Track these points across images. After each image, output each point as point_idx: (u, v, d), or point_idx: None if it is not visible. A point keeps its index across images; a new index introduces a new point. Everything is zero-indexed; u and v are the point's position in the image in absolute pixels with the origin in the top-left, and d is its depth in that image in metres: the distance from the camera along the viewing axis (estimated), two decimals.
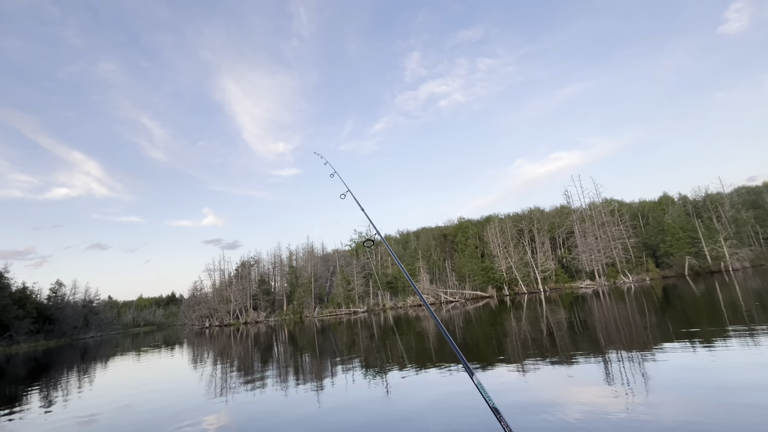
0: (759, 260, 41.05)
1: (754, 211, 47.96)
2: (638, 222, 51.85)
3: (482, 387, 1.77)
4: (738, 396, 4.98)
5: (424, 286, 46.23)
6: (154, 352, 23.01)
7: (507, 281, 45.13)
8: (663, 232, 44.16)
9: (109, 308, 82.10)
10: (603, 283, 40.94)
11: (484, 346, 11.70)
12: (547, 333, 12.75)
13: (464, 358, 1.94)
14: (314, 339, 20.82)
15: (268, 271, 63.69)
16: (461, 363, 1.91)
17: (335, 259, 58.16)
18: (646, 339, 9.82)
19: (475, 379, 1.83)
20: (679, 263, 40.81)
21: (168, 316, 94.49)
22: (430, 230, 63.15)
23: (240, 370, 12.33)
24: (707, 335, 9.17)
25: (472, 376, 1.85)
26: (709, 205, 48.56)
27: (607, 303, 21.55)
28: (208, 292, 60.87)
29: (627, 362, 7.43)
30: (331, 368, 10.76)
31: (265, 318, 52.20)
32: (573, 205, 50.11)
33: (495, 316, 21.50)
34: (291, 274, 57.93)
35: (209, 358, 17.07)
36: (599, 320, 14.66)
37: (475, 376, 1.85)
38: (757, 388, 5.16)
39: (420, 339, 15.29)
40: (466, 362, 1.91)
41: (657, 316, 13.95)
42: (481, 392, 1.74)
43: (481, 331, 15.92)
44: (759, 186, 58.10)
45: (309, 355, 14.55)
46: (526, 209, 56.76)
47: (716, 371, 6.21)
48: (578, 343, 10.27)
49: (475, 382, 1.80)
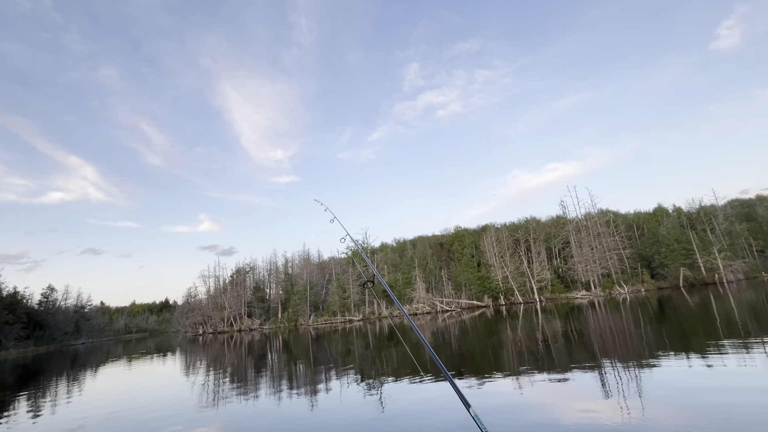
0: (753, 272, 41.31)
1: (748, 223, 48.40)
2: (633, 233, 52.16)
3: (479, 420, 1.67)
4: (732, 409, 4.98)
5: (421, 295, 46.06)
6: (146, 360, 22.68)
7: (503, 291, 45.08)
8: (658, 243, 44.43)
9: (101, 314, 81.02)
10: (599, 294, 40.98)
11: (479, 357, 11.64)
12: (543, 344, 12.71)
13: (459, 389, 1.82)
14: (309, 348, 20.63)
15: (263, 278, 63.29)
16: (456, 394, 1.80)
17: (331, 266, 57.91)
18: (641, 350, 9.81)
19: (472, 411, 1.72)
20: (673, 274, 40.98)
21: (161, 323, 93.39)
22: (427, 239, 63.14)
23: (233, 379, 12.18)
24: (702, 347, 9.18)
25: (469, 408, 1.73)
26: (703, 217, 48.97)
27: (602, 314, 21.55)
28: (203, 298, 60.31)
29: (623, 374, 7.42)
30: (326, 378, 10.65)
31: (259, 325, 51.71)
32: (569, 215, 50.42)
33: (491, 326, 21.42)
34: (286, 281, 57.58)
35: (202, 366, 16.85)
36: (595, 331, 14.65)
37: (472, 408, 1.74)
38: (752, 402, 5.16)
39: (416, 348, 15.19)
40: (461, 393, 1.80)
41: (652, 327, 13.95)
42: (478, 425, 1.65)
43: (477, 342, 15.85)
44: (752, 199, 58.75)
45: (303, 364, 14.40)
46: (523, 219, 57.04)
47: (711, 384, 6.20)
48: (574, 355, 10.24)
49: (472, 415, 1.69)
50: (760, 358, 7.38)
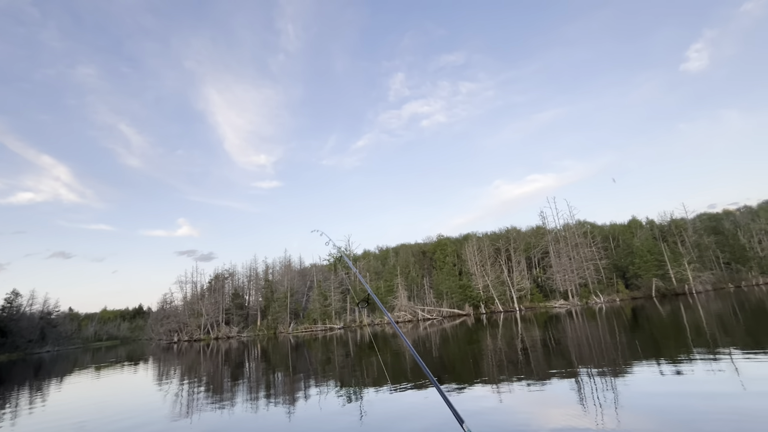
0: (720, 283, 43.12)
1: (715, 236, 50.61)
2: (609, 244, 53.70)
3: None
4: (700, 414, 5.15)
5: (402, 303, 45.99)
6: (116, 368, 21.76)
7: (484, 299, 45.51)
8: (632, 254, 45.87)
9: (68, 321, 77.42)
10: (576, 303, 41.88)
11: (460, 365, 11.69)
12: (522, 352, 12.87)
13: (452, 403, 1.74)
14: (288, 356, 20.25)
15: (242, 284, 61.93)
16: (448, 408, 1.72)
17: (313, 273, 57.25)
18: (616, 358, 10.06)
19: (465, 427, 1.64)
20: (646, 285, 42.33)
21: (133, 330, 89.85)
22: (410, 247, 63.34)
23: (208, 388, 11.81)
24: (673, 355, 9.50)
25: (462, 424, 1.65)
26: (674, 230, 50.93)
27: (579, 323, 22.02)
28: (179, 305, 58.47)
29: (598, 381, 7.58)
30: (305, 387, 10.46)
31: (237, 333, 50.46)
32: (548, 226, 51.57)
33: (471, 335, 21.56)
34: (266, 288, 56.54)
35: (176, 375, 16.28)
36: (572, 340, 14.94)
37: (465, 424, 1.66)
38: (718, 406, 5.35)
39: (396, 357, 15.13)
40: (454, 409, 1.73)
41: (626, 336, 14.34)
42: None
43: (457, 350, 15.91)
44: (719, 213, 61.62)
45: (282, 372, 14.12)
46: (504, 229, 57.98)
47: (681, 390, 6.41)
48: (552, 363, 10.40)
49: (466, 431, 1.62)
50: (727, 366, 7.68)
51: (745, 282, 44.38)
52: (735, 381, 6.57)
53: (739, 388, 6.14)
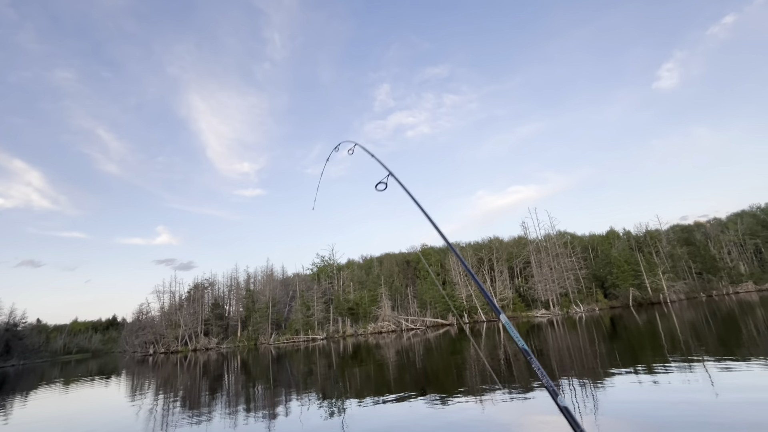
0: (692, 293, 44.64)
1: (687, 247, 52.54)
2: (588, 254, 55.02)
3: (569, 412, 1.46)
4: (675, 419, 5.28)
5: (386, 313, 45.76)
6: (86, 383, 20.78)
7: (467, 309, 45.75)
8: (610, 264, 47.09)
9: (36, 333, 73.68)
10: (557, 313, 42.55)
11: (443, 375, 11.66)
12: (505, 362, 12.95)
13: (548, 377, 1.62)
14: (269, 368, 19.78)
15: (223, 294, 60.48)
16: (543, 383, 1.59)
17: (295, 283, 56.42)
18: (595, 366, 10.23)
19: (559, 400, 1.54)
20: (624, 294, 43.43)
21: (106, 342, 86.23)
22: (394, 256, 63.37)
23: (184, 403, 11.40)
24: (649, 363, 9.73)
25: (556, 398, 1.55)
26: (649, 241, 52.64)
27: (560, 332, 22.35)
28: (155, 315, 56.52)
29: (578, 389, 7.68)
30: (286, 400, 10.22)
31: (216, 345, 49.06)
32: (530, 236, 52.49)
33: (455, 344, 21.58)
34: (248, 298, 55.34)
35: (150, 389, 15.66)
36: (553, 349, 15.13)
37: (559, 397, 1.56)
38: (691, 412, 5.50)
39: (379, 368, 14.98)
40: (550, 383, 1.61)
41: (605, 345, 14.63)
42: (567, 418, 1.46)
43: (441, 360, 15.88)
44: (691, 225, 64.11)
45: (262, 385, 13.77)
46: (487, 239, 58.73)
47: (657, 397, 6.57)
48: (534, 372, 10.48)
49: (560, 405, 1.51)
50: (701, 373, 7.92)
51: (716, 291, 46.08)
52: (708, 389, 6.77)
53: (711, 396, 6.34)
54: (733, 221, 60.88)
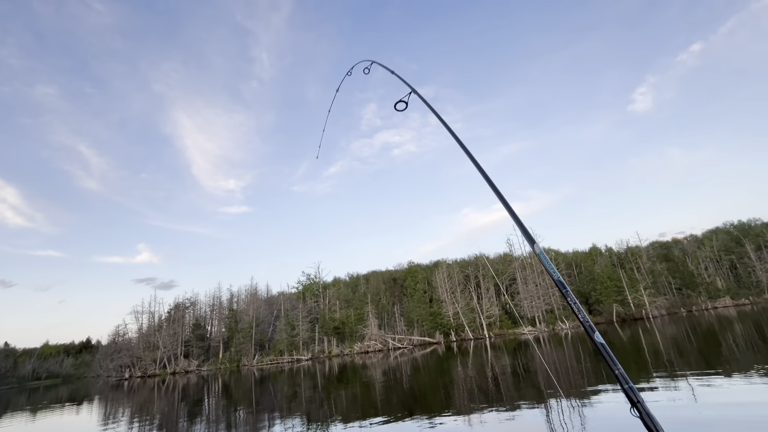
0: (673, 308, 45.55)
1: (666, 263, 53.94)
2: (572, 271, 55.83)
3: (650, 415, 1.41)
4: None
5: (373, 332, 45.09)
6: (55, 411, 19.61)
7: (454, 327, 45.47)
8: (594, 281, 47.81)
9: (3, 357, 69.81)
10: (543, 330, 42.68)
11: (431, 396, 11.46)
12: (493, 380, 12.83)
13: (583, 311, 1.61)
14: (251, 390, 19.10)
15: (204, 314, 58.67)
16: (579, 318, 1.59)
17: (280, 302, 55.27)
18: (582, 384, 10.23)
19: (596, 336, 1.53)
20: (608, 310, 43.99)
21: (79, 367, 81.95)
22: (381, 274, 62.95)
23: (160, 430, 10.85)
24: (635, 380, 9.78)
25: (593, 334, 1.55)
26: (630, 257, 53.85)
27: (547, 349, 22.37)
28: (133, 337, 54.26)
29: (566, 407, 7.64)
30: (269, 425, 9.85)
31: (197, 367, 47.24)
32: (515, 253, 53.07)
33: (442, 363, 21.32)
34: (230, 318, 53.79)
35: (124, 417, 14.88)
36: (540, 366, 15.10)
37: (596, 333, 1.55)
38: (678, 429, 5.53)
39: (366, 389, 14.64)
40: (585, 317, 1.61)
41: (591, 362, 14.68)
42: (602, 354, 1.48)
43: (428, 380, 15.64)
44: (669, 241, 66.01)
45: (244, 409, 13.25)
46: (473, 255, 59.05)
47: None
48: (522, 390, 10.42)
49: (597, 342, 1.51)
50: (685, 389, 8.00)
51: (695, 306, 47.13)
52: (691, 403, 6.84)
53: (695, 413, 6.39)
54: (709, 238, 62.96)
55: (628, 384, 1.44)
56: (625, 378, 1.45)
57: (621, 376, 1.47)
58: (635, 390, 1.43)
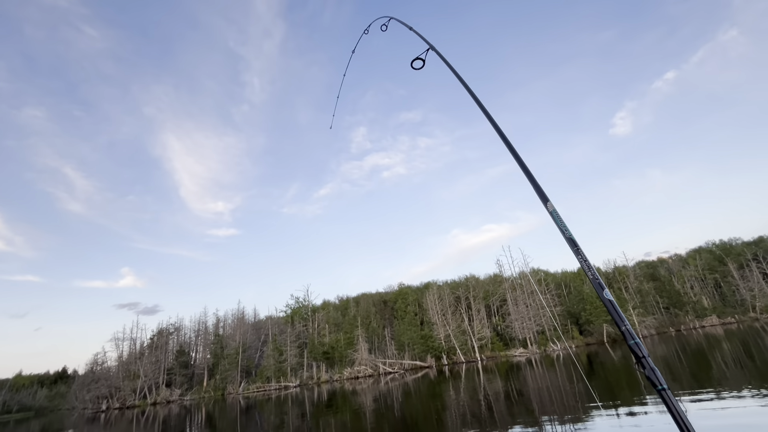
0: (662, 328, 45.78)
1: (653, 282, 54.59)
2: (562, 291, 56.02)
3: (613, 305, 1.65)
4: None
5: (363, 356, 44.09)
6: None
7: (445, 350, 44.78)
8: (583, 301, 47.96)
9: None
10: (535, 351, 42.31)
11: (423, 423, 11.17)
12: (486, 405, 12.59)
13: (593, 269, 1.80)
14: (236, 420, 18.34)
15: (189, 340, 56.76)
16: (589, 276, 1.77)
17: (268, 326, 53.89)
18: (575, 405, 10.11)
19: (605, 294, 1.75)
20: (598, 331, 43.97)
21: (53, 398, 77.66)
22: (371, 296, 62.17)
23: None
24: (627, 401, 9.72)
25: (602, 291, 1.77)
26: (618, 277, 54.41)
27: (539, 371, 22.14)
28: (112, 366, 51.94)
29: (559, 430, 7.53)
30: None
31: (179, 396, 45.23)
32: (505, 273, 53.15)
33: (434, 388, 20.88)
34: (216, 343, 52.12)
35: None
36: (533, 389, 14.91)
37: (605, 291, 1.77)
38: None
39: (356, 416, 14.20)
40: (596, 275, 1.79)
41: (584, 383, 14.57)
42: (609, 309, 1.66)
43: (420, 405, 15.26)
44: (655, 261, 67.08)
45: None
46: (463, 277, 58.96)
47: None
48: (515, 414, 10.24)
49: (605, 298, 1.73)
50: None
51: (683, 326, 47.48)
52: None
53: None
54: (693, 257, 64.15)
55: (634, 340, 1.63)
56: (631, 334, 1.63)
57: (627, 332, 1.65)
58: (641, 345, 1.61)
